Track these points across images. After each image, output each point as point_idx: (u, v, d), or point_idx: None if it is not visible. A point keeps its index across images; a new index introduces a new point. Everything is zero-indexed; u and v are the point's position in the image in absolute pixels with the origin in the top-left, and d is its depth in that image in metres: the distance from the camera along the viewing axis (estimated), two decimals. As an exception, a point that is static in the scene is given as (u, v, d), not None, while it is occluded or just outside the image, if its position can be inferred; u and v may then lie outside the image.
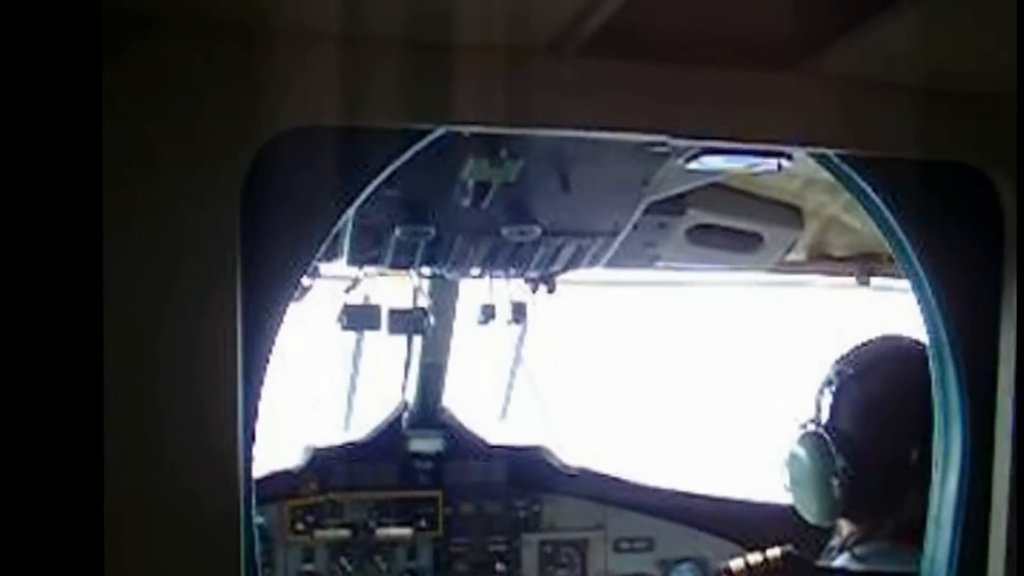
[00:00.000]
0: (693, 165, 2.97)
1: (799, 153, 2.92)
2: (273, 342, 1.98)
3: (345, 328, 3.76)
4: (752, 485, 5.11)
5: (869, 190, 2.34)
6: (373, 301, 3.82)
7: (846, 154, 2.30)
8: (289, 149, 1.93)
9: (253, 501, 1.97)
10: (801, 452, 2.96)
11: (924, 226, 2.34)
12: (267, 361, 1.97)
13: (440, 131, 2.13)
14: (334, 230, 2.10)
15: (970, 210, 2.31)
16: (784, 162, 2.98)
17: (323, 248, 3.26)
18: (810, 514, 3.00)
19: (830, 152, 2.31)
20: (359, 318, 3.75)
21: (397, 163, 2.10)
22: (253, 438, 1.95)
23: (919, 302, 2.42)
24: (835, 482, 2.84)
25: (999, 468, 2.26)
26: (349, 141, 2.03)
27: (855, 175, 2.33)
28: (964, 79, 2.13)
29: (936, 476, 2.43)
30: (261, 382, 1.95)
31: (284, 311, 1.99)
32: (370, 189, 2.10)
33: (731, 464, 6.07)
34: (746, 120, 2.13)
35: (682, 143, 2.44)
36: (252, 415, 1.93)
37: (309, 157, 2.00)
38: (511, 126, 2.13)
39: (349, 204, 2.07)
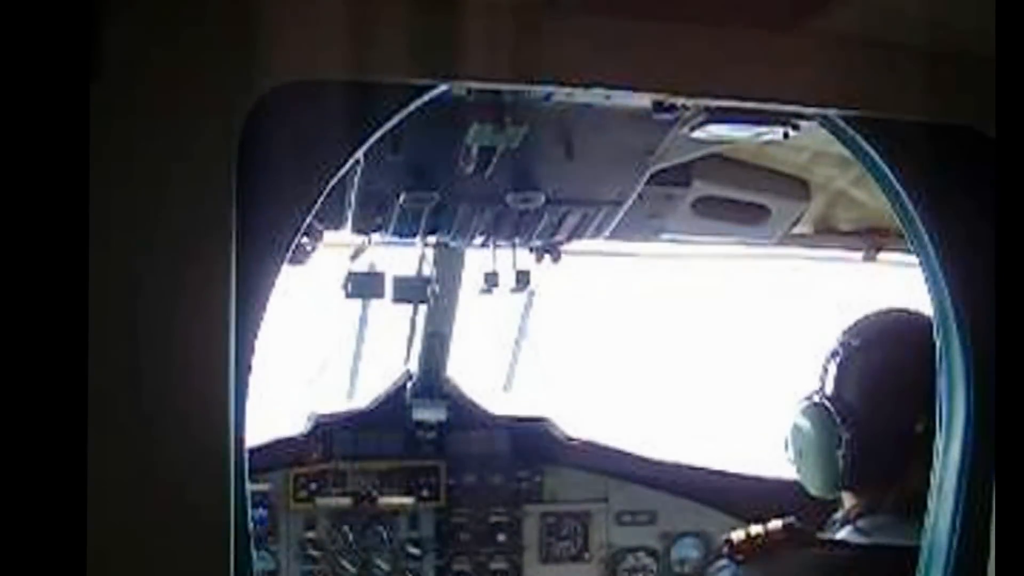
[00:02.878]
0: (698, 134, 2.93)
1: (806, 123, 2.88)
2: (267, 300, 1.96)
3: (349, 296, 3.73)
4: (756, 459, 5.10)
5: (875, 155, 2.30)
6: (378, 270, 3.80)
7: (852, 118, 2.27)
8: (287, 103, 1.91)
9: (246, 465, 1.94)
10: (805, 424, 2.94)
11: (930, 192, 2.31)
12: (261, 319, 1.95)
13: (439, 89, 2.11)
14: (332, 190, 2.08)
15: (977, 176, 2.27)
16: (791, 131, 2.96)
17: (325, 208, 3.28)
18: (813, 486, 2.98)
19: (833, 114, 2.28)
20: (363, 286, 3.73)
21: (396, 120, 2.08)
22: (246, 398, 1.93)
23: (924, 269, 2.40)
24: (839, 454, 2.83)
25: (1002, 438, 2.22)
26: (348, 96, 2.00)
27: (861, 140, 2.30)
28: (971, 40, 2.10)
29: (939, 446, 2.41)
30: (255, 339, 1.93)
31: (279, 269, 1.97)
32: (368, 145, 2.07)
33: (735, 437, 6.03)
34: (749, 80, 2.10)
35: (685, 102, 2.41)
36: (245, 370, 1.91)
37: (307, 112, 1.97)
38: (512, 83, 2.11)
39: (347, 160, 2.05)
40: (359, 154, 2.10)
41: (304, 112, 1.97)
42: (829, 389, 2.94)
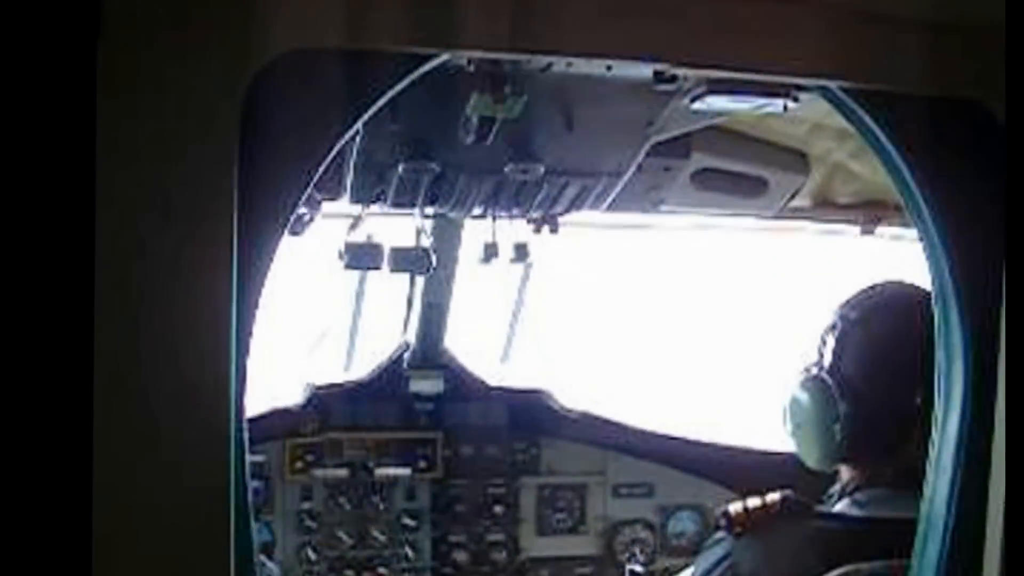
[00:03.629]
0: (698, 105, 2.92)
1: (806, 95, 2.86)
2: (268, 269, 1.95)
3: (347, 267, 3.73)
4: (753, 432, 5.10)
5: (876, 128, 2.30)
6: (376, 240, 3.79)
7: (854, 90, 2.26)
8: (288, 72, 1.90)
9: (246, 436, 1.93)
10: (803, 396, 2.94)
11: (931, 166, 2.29)
12: (262, 288, 1.95)
13: (441, 58, 2.10)
14: (331, 160, 2.07)
15: (979, 150, 2.26)
16: (790, 103, 2.94)
17: (324, 178, 3.27)
18: (811, 459, 2.98)
19: (835, 86, 2.27)
20: (361, 257, 3.72)
21: (398, 89, 2.07)
22: (246, 368, 1.92)
23: (923, 243, 2.40)
24: (837, 427, 2.83)
25: (1001, 412, 2.23)
26: (349, 65, 1.99)
27: (862, 112, 2.29)
28: (977, 13, 2.09)
29: (937, 419, 2.41)
30: (255, 308, 1.93)
31: (279, 238, 1.96)
32: (370, 114, 2.06)
33: (734, 410, 6.03)
34: (751, 50, 2.09)
35: (686, 72, 2.39)
36: (245, 339, 1.91)
37: (308, 81, 1.96)
38: (515, 51, 2.09)
39: (348, 130, 2.04)
40: (360, 123, 2.09)
41: (306, 81, 1.96)
42: (827, 362, 2.93)
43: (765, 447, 5.07)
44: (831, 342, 2.94)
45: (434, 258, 3.86)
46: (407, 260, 3.81)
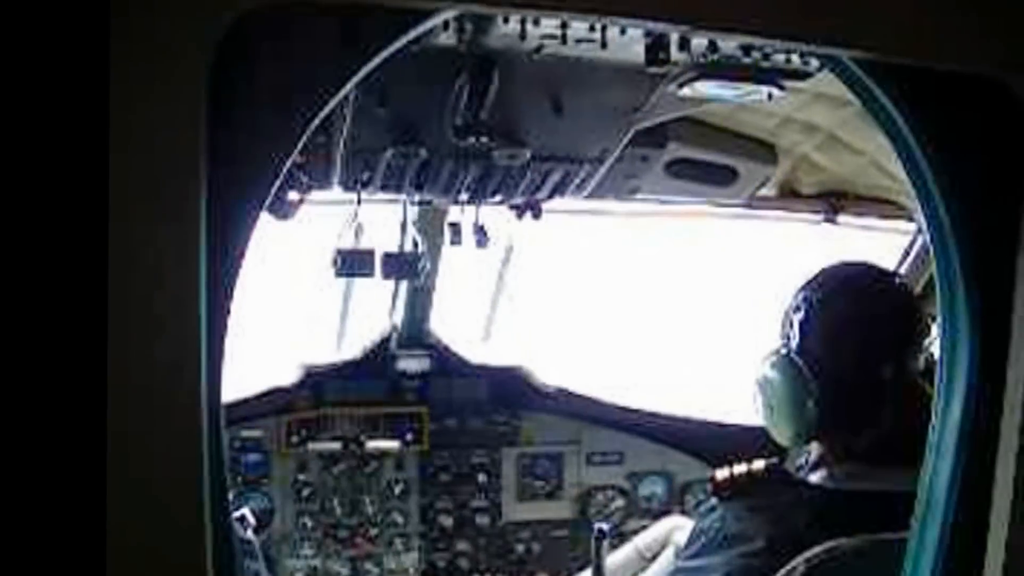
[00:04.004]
0: (685, 91, 2.67)
1: (779, 92, 2.67)
2: (244, 247, 1.55)
3: (339, 274, 3.37)
4: (718, 407, 5.01)
5: (885, 100, 1.92)
6: (365, 228, 3.41)
7: (864, 61, 1.88)
8: (261, 31, 1.48)
9: (221, 418, 1.60)
10: (775, 376, 2.66)
11: (941, 140, 1.93)
12: (238, 268, 1.54)
13: (432, 22, 1.68)
14: (319, 146, 1.66)
15: (994, 128, 1.90)
16: (775, 91, 2.66)
17: (311, 164, 2.87)
18: (783, 437, 2.72)
19: (845, 56, 1.88)
20: (353, 263, 3.36)
21: (384, 55, 1.65)
22: (222, 348, 1.55)
23: (928, 224, 2.02)
24: (810, 404, 2.58)
25: (1011, 396, 1.87)
26: (331, 22, 1.57)
27: (872, 84, 1.91)
28: None
29: (938, 404, 2.08)
30: (231, 288, 1.53)
31: (256, 215, 1.56)
32: (355, 81, 1.64)
33: (700, 387, 5.83)
34: (763, 16, 1.69)
35: (701, 35, 2.05)
36: (220, 318, 1.52)
37: (284, 42, 1.54)
38: (515, 7, 1.69)
39: (332, 97, 1.62)
40: (346, 90, 1.66)
41: (281, 41, 1.55)
42: (795, 343, 2.66)
43: (726, 419, 4.97)
44: (798, 322, 2.68)
45: (427, 264, 3.54)
46: (398, 266, 3.48)
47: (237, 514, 2.94)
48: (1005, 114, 1.86)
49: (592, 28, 2.32)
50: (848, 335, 2.61)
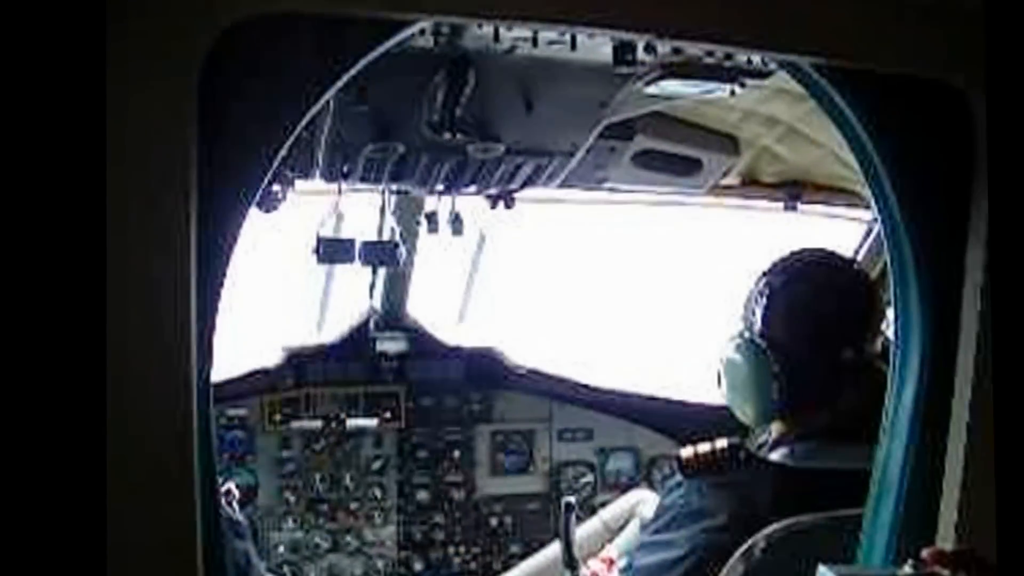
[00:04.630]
0: (651, 89, 2.73)
1: (740, 89, 2.74)
2: (234, 241, 1.63)
3: (320, 261, 3.45)
4: (682, 386, 5.09)
5: (842, 104, 2.01)
6: (345, 216, 3.48)
7: (822, 66, 1.97)
8: (249, 40, 1.56)
9: (211, 403, 1.68)
10: (737, 359, 2.72)
11: (895, 142, 2.02)
12: (227, 262, 1.62)
13: (412, 29, 1.76)
14: (301, 140, 1.73)
15: (940, 124, 1.99)
16: (737, 88, 2.73)
17: (294, 157, 2.92)
18: (747, 417, 2.78)
19: (805, 62, 1.98)
20: (334, 251, 3.44)
21: (366, 61, 1.73)
22: (212, 336, 1.62)
23: (883, 219, 2.12)
24: (774, 386, 2.64)
25: (961, 377, 1.98)
26: (315, 32, 1.65)
27: (829, 88, 2.00)
28: None
29: (892, 386, 2.17)
30: (221, 281, 1.61)
31: (245, 212, 1.64)
32: (337, 87, 1.72)
33: (665, 367, 5.91)
34: (722, 25, 1.78)
35: (664, 43, 2.14)
36: (211, 306, 1.59)
37: (272, 49, 1.62)
38: (490, 18, 1.77)
39: (315, 101, 1.69)
40: (329, 94, 1.73)
41: (269, 49, 1.62)
42: (757, 326, 2.72)
43: (690, 398, 5.06)
44: (760, 306, 2.74)
45: (404, 251, 3.59)
46: (378, 254, 3.55)
47: (223, 488, 3.02)
48: (952, 112, 1.95)
49: (562, 32, 2.39)
50: (808, 318, 2.66)
